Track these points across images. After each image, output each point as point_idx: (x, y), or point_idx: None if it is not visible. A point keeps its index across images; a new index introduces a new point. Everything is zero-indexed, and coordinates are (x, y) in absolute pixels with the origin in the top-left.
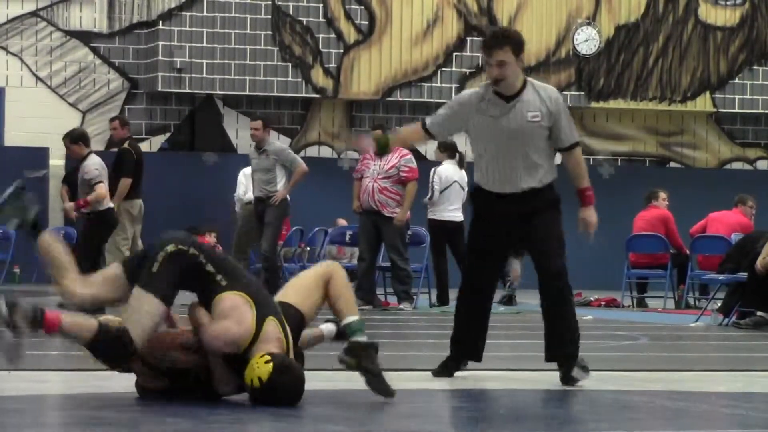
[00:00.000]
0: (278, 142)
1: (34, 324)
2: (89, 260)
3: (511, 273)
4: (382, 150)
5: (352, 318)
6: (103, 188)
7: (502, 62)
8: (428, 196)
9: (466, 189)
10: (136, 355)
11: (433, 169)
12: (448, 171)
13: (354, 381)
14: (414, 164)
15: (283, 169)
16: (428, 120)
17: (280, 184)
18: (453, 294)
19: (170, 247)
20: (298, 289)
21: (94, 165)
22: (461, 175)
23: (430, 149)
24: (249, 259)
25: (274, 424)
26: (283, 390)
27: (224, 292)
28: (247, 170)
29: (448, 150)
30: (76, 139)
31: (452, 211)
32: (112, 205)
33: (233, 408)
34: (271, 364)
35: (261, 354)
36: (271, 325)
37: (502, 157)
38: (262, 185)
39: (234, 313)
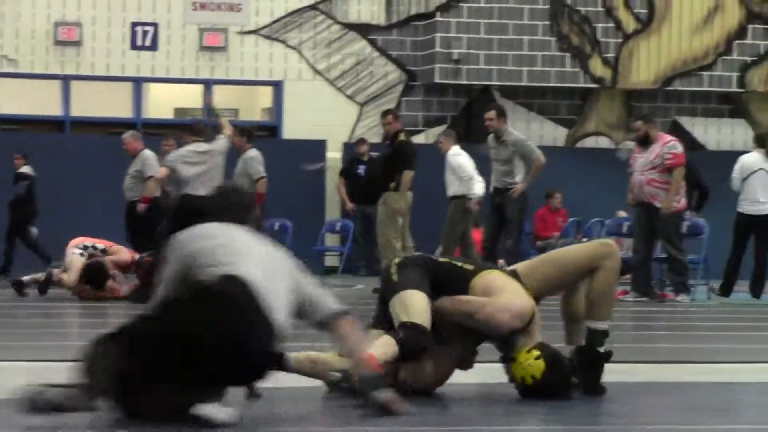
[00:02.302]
0: (516, 132)
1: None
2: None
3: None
4: None
5: (600, 325)
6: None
7: None
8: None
9: None
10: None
11: (738, 159)
12: (751, 159)
13: (629, 373)
14: (678, 150)
15: (522, 160)
16: None
17: (519, 176)
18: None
19: (396, 260)
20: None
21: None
22: None
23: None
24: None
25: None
26: (557, 385)
27: (480, 272)
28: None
29: (759, 139)
30: (241, 132)
31: (754, 203)
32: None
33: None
34: (542, 360)
35: (528, 348)
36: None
37: None
38: (501, 176)
39: (509, 286)
